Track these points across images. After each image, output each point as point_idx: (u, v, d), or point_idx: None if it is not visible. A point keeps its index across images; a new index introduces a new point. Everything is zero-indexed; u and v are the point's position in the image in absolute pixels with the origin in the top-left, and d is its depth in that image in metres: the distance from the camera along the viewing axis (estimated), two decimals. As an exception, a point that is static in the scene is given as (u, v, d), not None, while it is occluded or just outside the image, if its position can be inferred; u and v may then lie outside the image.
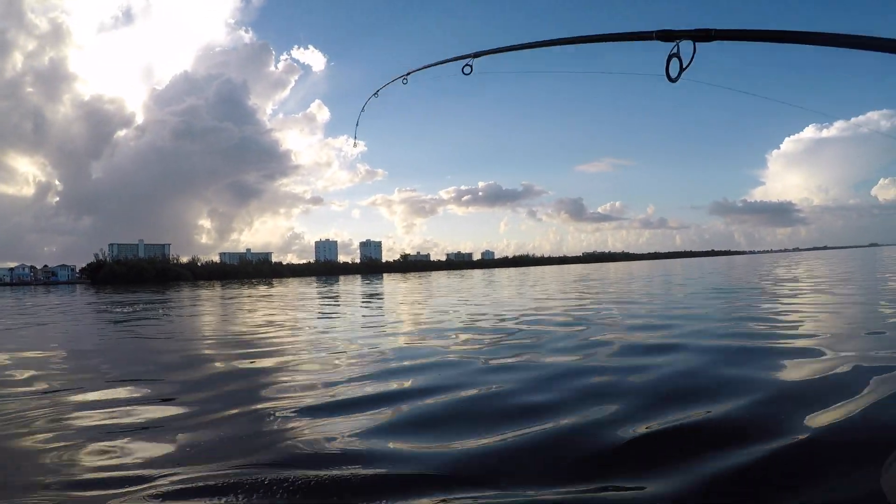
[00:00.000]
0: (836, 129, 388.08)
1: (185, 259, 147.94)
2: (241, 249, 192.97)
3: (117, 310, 17.65)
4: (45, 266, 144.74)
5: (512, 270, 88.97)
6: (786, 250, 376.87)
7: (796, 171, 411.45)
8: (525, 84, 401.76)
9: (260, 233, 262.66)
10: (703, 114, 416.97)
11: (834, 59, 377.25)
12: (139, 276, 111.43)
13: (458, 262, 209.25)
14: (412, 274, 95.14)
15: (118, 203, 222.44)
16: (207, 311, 16.52)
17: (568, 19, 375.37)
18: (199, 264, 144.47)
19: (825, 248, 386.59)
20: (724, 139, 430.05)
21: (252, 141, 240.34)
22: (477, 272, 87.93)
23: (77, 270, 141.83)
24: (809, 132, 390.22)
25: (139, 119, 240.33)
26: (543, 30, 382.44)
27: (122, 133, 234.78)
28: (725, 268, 39.43)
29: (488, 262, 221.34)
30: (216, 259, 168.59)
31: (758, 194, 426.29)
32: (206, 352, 7.68)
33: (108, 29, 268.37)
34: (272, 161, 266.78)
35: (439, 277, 57.05)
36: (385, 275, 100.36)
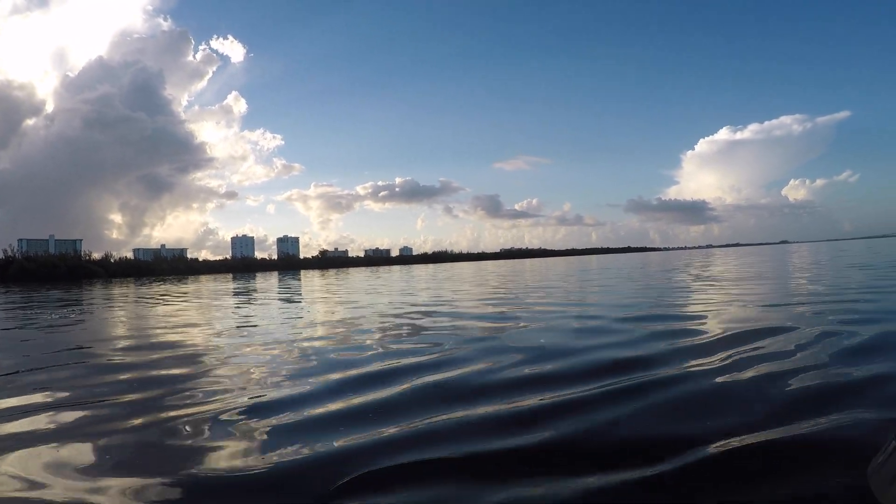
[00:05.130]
0: (749, 131, 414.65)
1: (97, 255, 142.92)
2: (154, 245, 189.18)
3: (54, 315, 15.92)
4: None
5: (431, 267, 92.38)
6: (699, 247, 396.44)
7: (710, 171, 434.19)
8: (443, 80, 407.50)
9: (172, 228, 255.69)
10: (619, 114, 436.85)
11: (749, 63, 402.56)
12: (50, 273, 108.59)
13: (377, 259, 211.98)
14: (331, 270, 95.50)
15: (27, 196, 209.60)
16: (128, 313, 16.09)
17: (498, 9, 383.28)
18: (112, 261, 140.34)
19: (738, 244, 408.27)
20: (640, 140, 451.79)
21: (165, 132, 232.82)
22: (396, 268, 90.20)
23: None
24: (723, 134, 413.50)
25: (49, 107, 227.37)
26: (475, 22, 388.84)
27: (31, 121, 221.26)
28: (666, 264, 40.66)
29: (407, 258, 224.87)
30: (130, 255, 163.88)
31: (672, 193, 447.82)
32: (123, 357, 7.52)
33: (21, 11, 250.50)
34: (186, 153, 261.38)
35: (359, 273, 56.75)
36: (303, 271, 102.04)
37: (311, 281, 40.87)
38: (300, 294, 22.82)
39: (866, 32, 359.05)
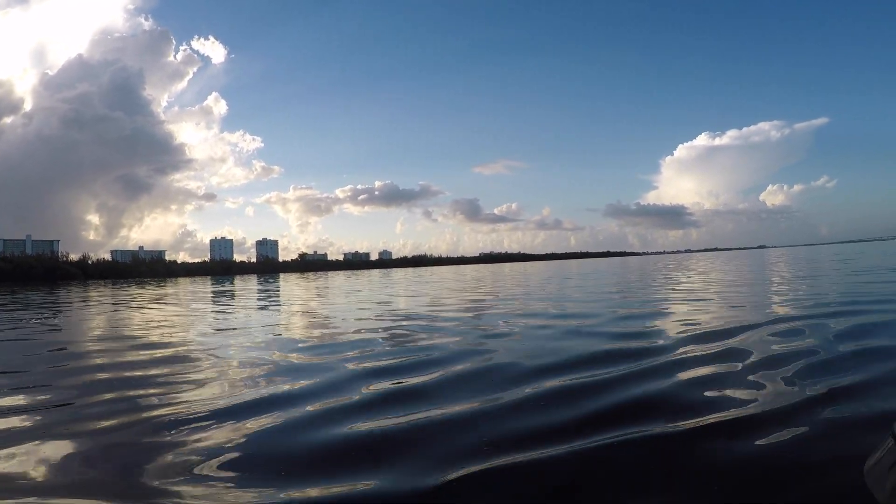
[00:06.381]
0: (728, 137, 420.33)
1: (74, 256, 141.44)
2: (131, 246, 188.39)
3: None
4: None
5: (410, 271, 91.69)
6: (678, 251, 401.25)
7: (689, 176, 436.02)
8: (423, 83, 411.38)
9: (150, 229, 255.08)
10: (599, 119, 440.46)
11: (728, 69, 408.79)
12: (27, 274, 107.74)
13: (357, 262, 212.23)
14: (311, 274, 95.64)
15: (4, 195, 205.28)
16: (112, 321, 15.14)
17: (478, 12, 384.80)
18: (90, 262, 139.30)
19: (716, 249, 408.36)
20: (619, 145, 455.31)
21: (144, 132, 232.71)
22: (376, 272, 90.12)
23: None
24: (702, 140, 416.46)
25: (28, 105, 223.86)
26: (455, 25, 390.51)
27: (8, 120, 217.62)
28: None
29: (386, 262, 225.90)
30: (107, 257, 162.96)
31: (651, 198, 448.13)
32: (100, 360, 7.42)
33: (1, 7, 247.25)
34: (165, 154, 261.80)
35: (338, 277, 56.31)
36: (283, 274, 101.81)
37: (291, 288, 40.56)
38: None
39: (844, 39, 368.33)
